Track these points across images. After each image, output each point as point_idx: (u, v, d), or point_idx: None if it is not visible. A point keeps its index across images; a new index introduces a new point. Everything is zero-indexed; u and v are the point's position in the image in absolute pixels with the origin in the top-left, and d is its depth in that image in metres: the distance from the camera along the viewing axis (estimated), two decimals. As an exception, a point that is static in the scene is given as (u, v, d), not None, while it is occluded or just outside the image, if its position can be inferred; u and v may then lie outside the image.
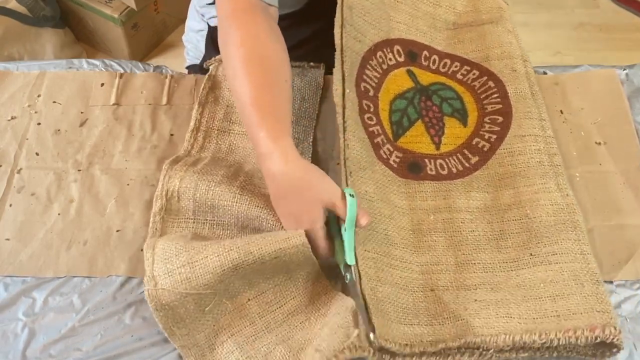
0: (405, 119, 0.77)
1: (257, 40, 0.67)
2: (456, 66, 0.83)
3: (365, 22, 0.81)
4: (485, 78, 0.80)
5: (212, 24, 0.96)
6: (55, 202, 0.73)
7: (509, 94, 0.78)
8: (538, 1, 1.91)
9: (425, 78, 0.81)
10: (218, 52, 0.92)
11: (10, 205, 0.73)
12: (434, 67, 0.83)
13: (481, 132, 0.76)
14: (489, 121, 0.76)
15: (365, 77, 0.79)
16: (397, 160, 0.74)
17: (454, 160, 0.74)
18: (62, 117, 0.81)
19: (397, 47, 0.83)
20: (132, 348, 0.63)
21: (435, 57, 0.84)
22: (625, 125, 0.79)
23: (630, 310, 0.66)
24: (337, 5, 0.80)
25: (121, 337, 0.64)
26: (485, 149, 0.75)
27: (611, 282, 0.67)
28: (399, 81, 0.80)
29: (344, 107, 0.72)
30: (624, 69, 0.85)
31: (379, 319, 0.60)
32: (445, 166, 0.74)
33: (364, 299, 0.61)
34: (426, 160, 0.74)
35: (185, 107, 0.82)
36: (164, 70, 0.88)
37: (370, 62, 0.80)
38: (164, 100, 0.83)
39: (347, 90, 0.74)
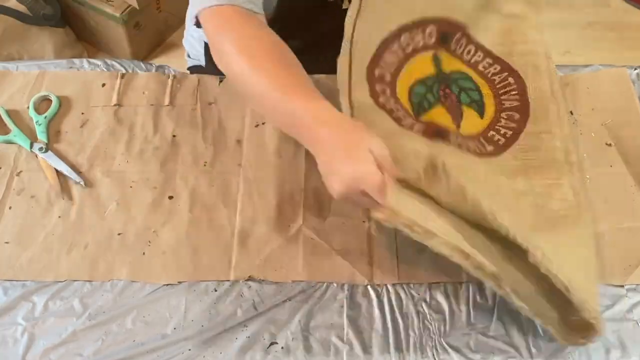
0: (426, 102, 0.76)
1: (255, 38, 0.65)
2: (479, 56, 0.81)
3: (392, 6, 0.79)
4: (505, 74, 0.79)
5: (206, 41, 0.94)
6: (55, 204, 0.72)
7: (528, 91, 0.77)
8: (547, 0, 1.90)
9: (449, 64, 0.79)
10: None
11: (10, 208, 0.72)
12: (459, 52, 0.81)
13: (497, 127, 0.75)
14: (505, 117, 0.76)
15: (382, 63, 0.77)
16: (421, 131, 0.73)
17: (472, 144, 0.74)
18: (62, 118, 0.80)
19: (430, 28, 0.80)
20: (133, 353, 0.62)
21: (463, 40, 0.81)
22: (636, 126, 0.78)
23: (642, 315, 0.64)
24: None
25: (122, 342, 0.63)
26: (500, 142, 0.74)
27: (622, 286, 0.66)
28: (420, 67, 0.79)
29: (349, 91, 0.72)
30: (635, 69, 0.84)
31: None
32: (464, 145, 0.73)
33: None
34: (450, 133, 0.74)
35: (188, 107, 0.81)
36: (166, 70, 0.86)
37: (391, 46, 0.78)
38: (167, 100, 0.81)
39: (354, 78, 0.74)
